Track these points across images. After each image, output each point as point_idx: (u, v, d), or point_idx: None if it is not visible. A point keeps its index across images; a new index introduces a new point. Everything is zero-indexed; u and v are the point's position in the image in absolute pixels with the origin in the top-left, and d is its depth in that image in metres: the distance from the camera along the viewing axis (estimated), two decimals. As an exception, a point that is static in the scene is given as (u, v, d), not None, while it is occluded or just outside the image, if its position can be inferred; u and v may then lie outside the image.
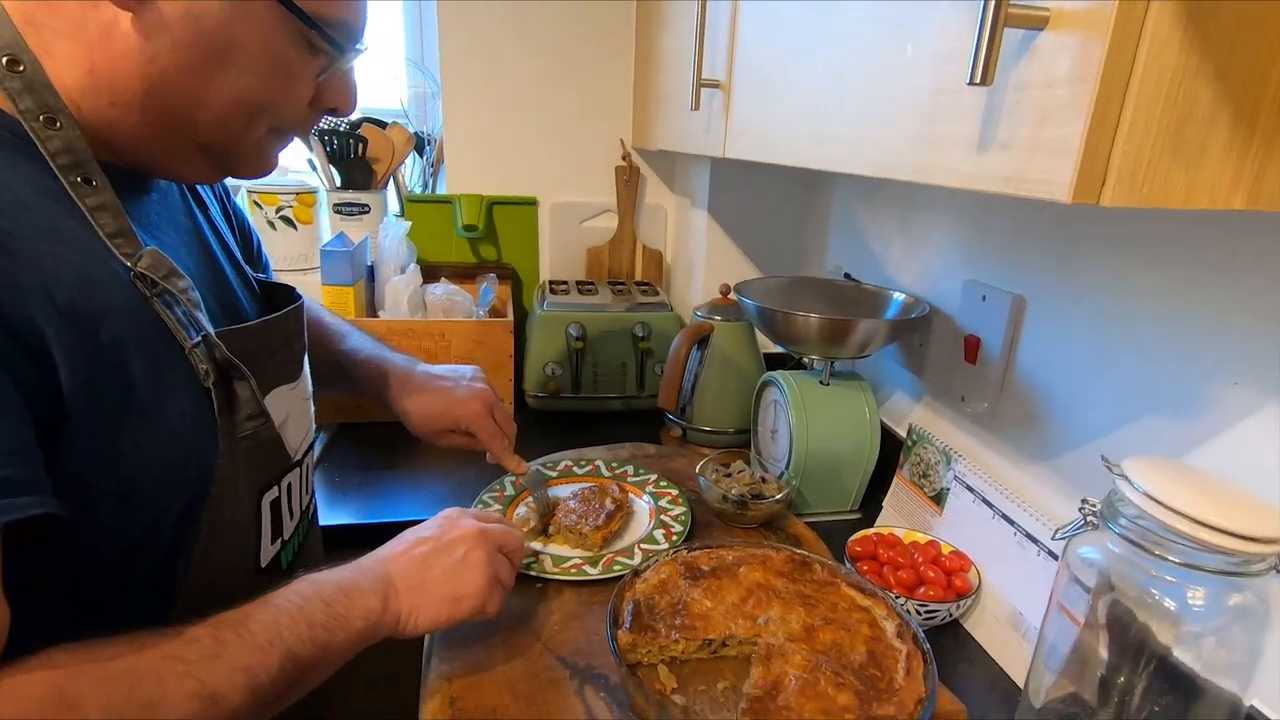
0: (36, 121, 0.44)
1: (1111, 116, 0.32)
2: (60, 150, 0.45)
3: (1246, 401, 0.56)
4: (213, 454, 0.52)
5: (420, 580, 0.57)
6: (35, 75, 0.44)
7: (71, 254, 0.43)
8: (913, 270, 1.01)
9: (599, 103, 1.43)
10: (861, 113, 0.52)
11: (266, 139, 0.53)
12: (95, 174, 0.46)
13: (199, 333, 0.50)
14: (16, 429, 0.39)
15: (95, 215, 0.46)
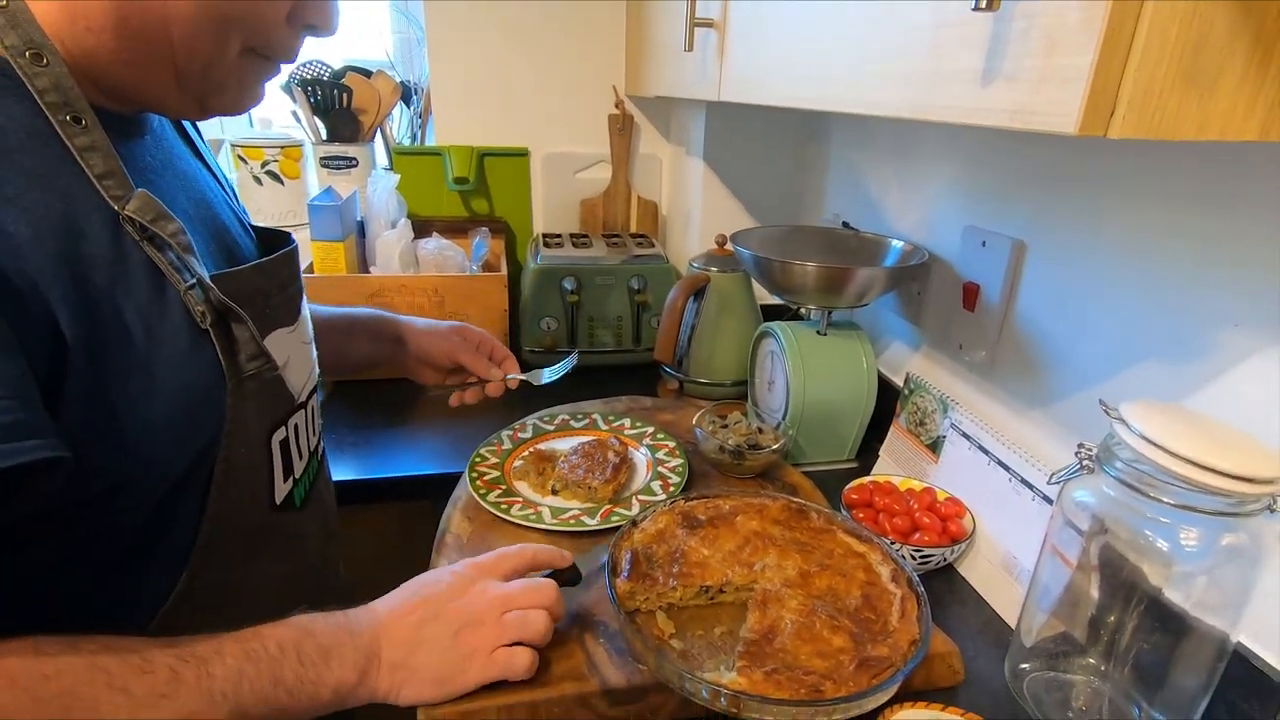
0: (23, 58, 0.43)
1: (1123, 43, 0.30)
2: (48, 88, 0.43)
3: (1247, 343, 0.55)
4: (221, 395, 0.52)
5: (408, 655, 0.53)
6: (19, 11, 0.43)
7: (61, 200, 0.43)
8: (911, 217, 0.99)
9: (591, 48, 1.39)
10: (861, 49, 0.50)
11: (246, 65, 0.50)
12: (84, 113, 0.45)
13: (192, 276, 0.49)
14: (16, 372, 0.39)
15: (84, 156, 0.44)
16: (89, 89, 0.46)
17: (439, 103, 1.39)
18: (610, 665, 0.59)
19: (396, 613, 0.55)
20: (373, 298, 1.15)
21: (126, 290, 0.45)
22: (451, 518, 0.79)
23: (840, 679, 0.54)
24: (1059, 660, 0.64)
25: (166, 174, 0.55)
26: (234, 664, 0.45)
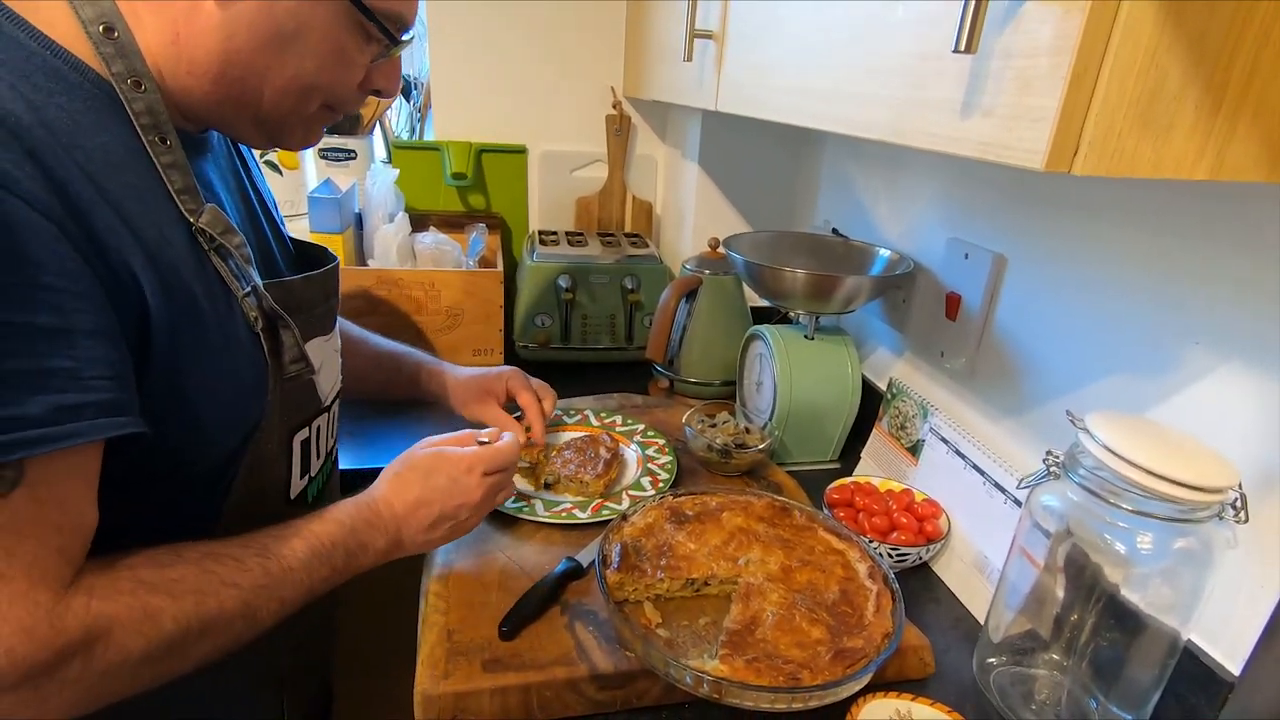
0: (125, 84, 0.48)
1: (1086, 88, 0.33)
2: (143, 111, 0.49)
3: (1207, 361, 0.59)
4: (264, 393, 0.57)
5: (426, 540, 0.65)
6: (127, 42, 0.48)
7: (152, 211, 0.48)
8: (899, 226, 1.03)
9: (590, 49, 1.41)
10: (849, 72, 0.52)
11: (316, 116, 0.58)
12: (170, 134, 0.50)
13: (249, 284, 0.55)
14: (118, 356, 0.44)
15: (167, 172, 0.50)
16: (172, 113, 0.52)
17: (439, 98, 1.40)
18: (599, 652, 0.62)
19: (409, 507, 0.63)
20: (370, 290, 1.17)
21: (201, 290, 0.51)
22: (446, 508, 0.81)
23: (817, 668, 0.57)
24: (1024, 656, 0.67)
25: (223, 188, 0.60)
26: (304, 556, 0.55)
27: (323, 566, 0.57)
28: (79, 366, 0.42)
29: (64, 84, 0.45)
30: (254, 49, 0.50)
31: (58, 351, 0.41)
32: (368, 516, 0.61)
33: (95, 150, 0.45)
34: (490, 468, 0.67)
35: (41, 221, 0.40)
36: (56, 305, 0.41)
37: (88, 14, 0.47)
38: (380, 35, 0.55)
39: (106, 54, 0.47)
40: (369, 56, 0.56)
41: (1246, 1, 0.32)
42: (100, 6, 0.47)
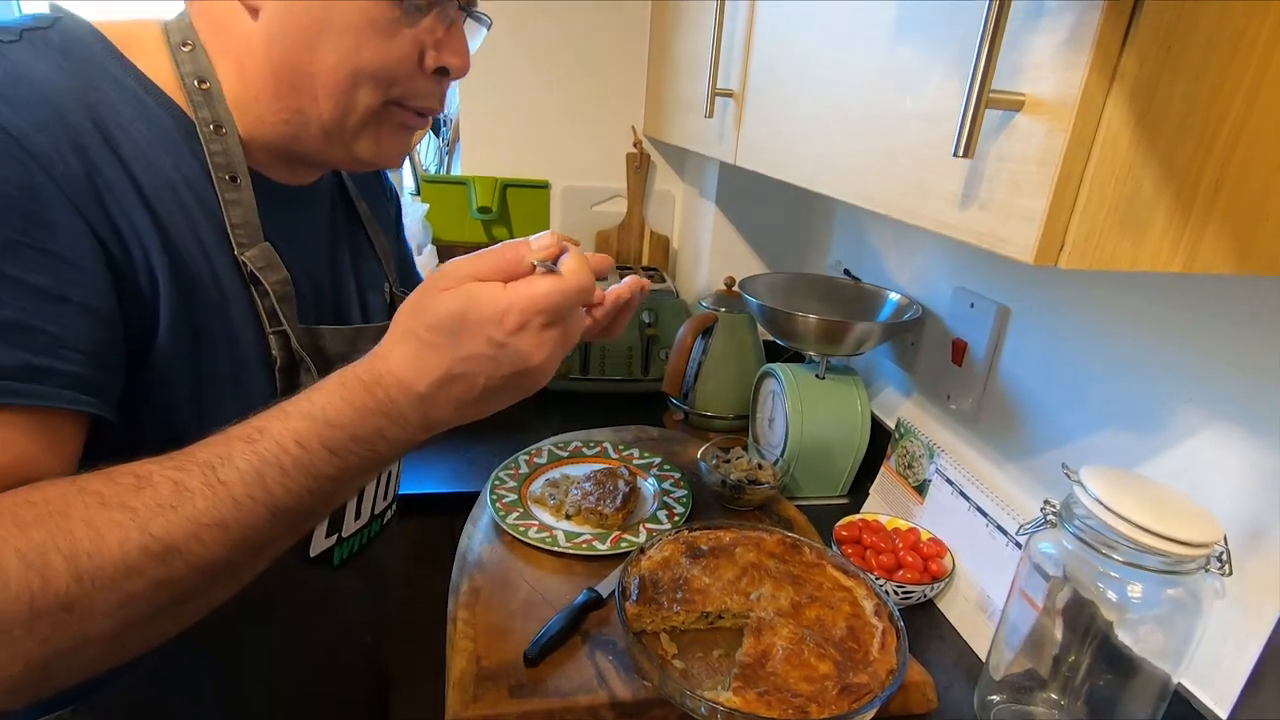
0: (208, 128, 0.53)
1: (1070, 195, 0.37)
2: (219, 152, 0.53)
3: (1198, 418, 0.62)
4: None
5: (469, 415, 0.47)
6: (215, 92, 0.53)
7: (199, 227, 0.51)
8: (908, 270, 1.07)
9: (613, 91, 1.47)
10: (862, 150, 0.57)
11: (387, 115, 0.55)
12: (241, 175, 0.54)
13: (280, 323, 0.56)
14: (108, 340, 0.45)
15: (229, 206, 0.53)
16: (264, 156, 0.56)
17: (467, 134, 1.46)
18: (618, 680, 0.65)
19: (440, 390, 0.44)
20: (399, 321, 1.22)
21: (223, 313, 0.53)
22: (472, 537, 0.86)
23: (824, 702, 0.61)
24: (1024, 694, 0.70)
25: (301, 233, 0.61)
26: (249, 465, 0.41)
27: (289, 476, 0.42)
28: (62, 335, 0.42)
29: (147, 115, 0.50)
30: (294, 49, 0.51)
31: (46, 314, 0.42)
32: (371, 405, 0.44)
33: (158, 170, 0.49)
34: (555, 316, 0.44)
35: (67, 203, 0.43)
36: (57, 272, 0.42)
37: (186, 68, 0.53)
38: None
39: (197, 102, 0.52)
40: (412, 26, 0.52)
41: (1211, 125, 0.36)
42: (198, 64, 0.53)
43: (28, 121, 0.43)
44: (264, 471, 0.41)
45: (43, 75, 0.45)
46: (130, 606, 0.39)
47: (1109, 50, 0.34)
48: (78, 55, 0.48)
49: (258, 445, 0.42)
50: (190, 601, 0.42)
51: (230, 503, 0.40)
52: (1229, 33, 0.35)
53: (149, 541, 0.39)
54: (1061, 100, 0.36)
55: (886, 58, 0.53)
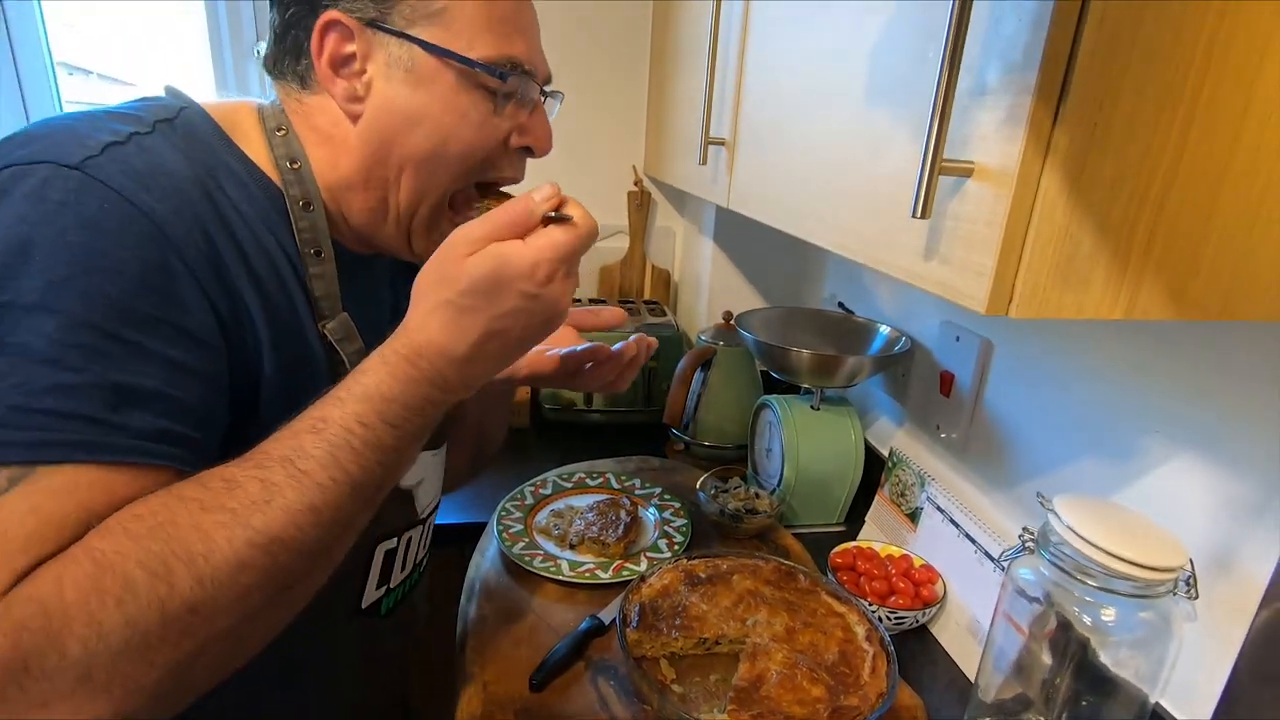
0: (298, 205, 0.57)
1: (1016, 252, 0.41)
2: (306, 228, 0.58)
3: (1164, 449, 0.66)
4: None
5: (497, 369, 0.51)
6: (305, 173, 0.58)
7: (292, 296, 0.56)
8: (898, 303, 1.11)
9: (613, 131, 1.53)
10: (839, 203, 0.61)
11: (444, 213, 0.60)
12: (325, 249, 0.59)
13: None
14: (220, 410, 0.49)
15: (313, 279, 0.58)
16: (347, 236, 0.61)
17: (475, 177, 1.52)
18: (619, 704, 0.68)
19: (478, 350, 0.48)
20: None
21: (310, 381, 0.55)
22: (480, 566, 0.89)
23: (815, 724, 0.63)
24: (1013, 717, 0.72)
25: (370, 302, 0.66)
26: (321, 454, 0.45)
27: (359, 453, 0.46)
28: (187, 402, 0.46)
29: (250, 194, 0.55)
30: (386, 144, 0.56)
31: (176, 383, 0.45)
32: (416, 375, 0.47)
33: (260, 246, 0.54)
34: (575, 261, 0.50)
35: (195, 283, 0.47)
36: (187, 347, 0.46)
37: (280, 151, 0.58)
38: (497, 81, 0.56)
39: (289, 180, 0.57)
40: (501, 114, 0.58)
41: (1139, 190, 0.40)
42: (290, 148, 0.58)
43: (167, 209, 0.47)
44: (338, 455, 0.45)
45: (174, 165, 0.50)
46: (247, 600, 0.42)
47: (1041, 128, 0.39)
48: (198, 143, 0.54)
49: (325, 433, 0.45)
50: (296, 587, 0.46)
51: (316, 488, 0.44)
52: (1149, 110, 0.39)
53: (253, 535, 0.42)
54: (1004, 169, 0.41)
55: (858, 120, 0.58)
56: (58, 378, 0.41)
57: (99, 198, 0.45)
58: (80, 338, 0.42)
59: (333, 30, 0.55)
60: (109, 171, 0.46)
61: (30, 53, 1.32)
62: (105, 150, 0.47)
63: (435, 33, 0.55)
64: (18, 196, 0.44)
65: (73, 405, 0.42)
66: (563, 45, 1.44)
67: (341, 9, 0.54)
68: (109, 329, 0.43)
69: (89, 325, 0.42)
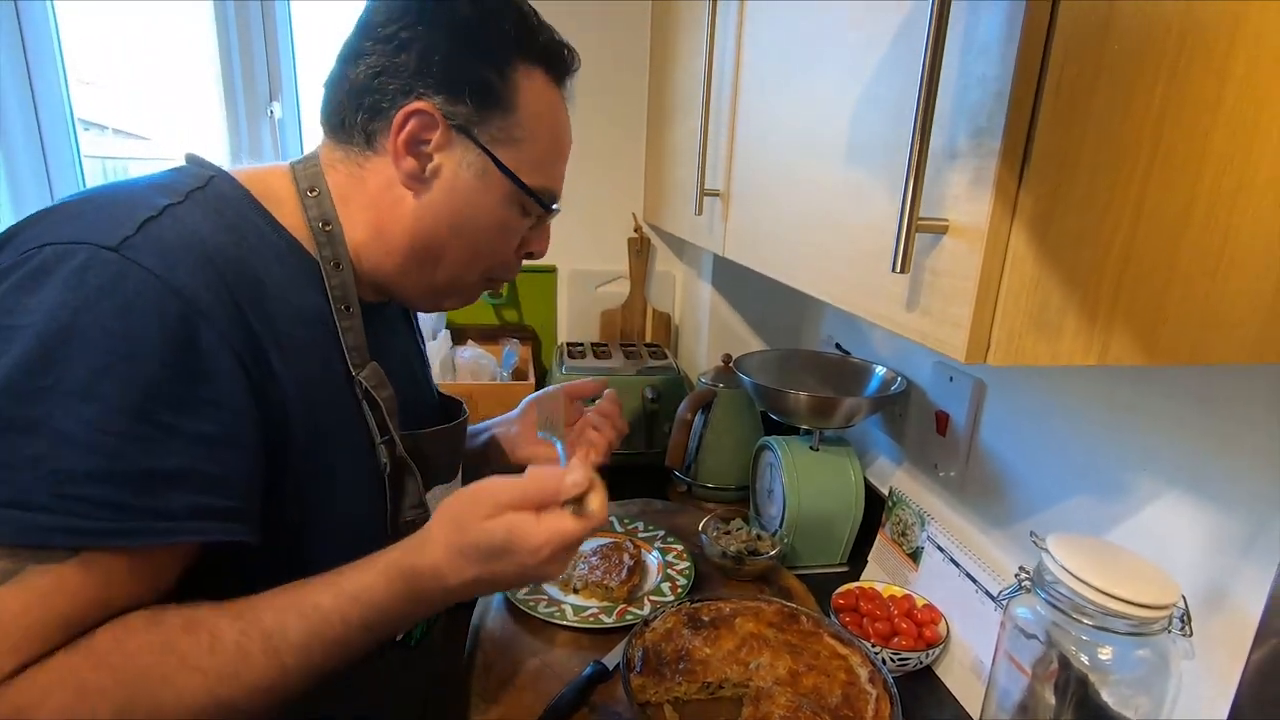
0: (329, 265, 0.61)
1: (990, 305, 0.44)
2: (337, 285, 0.62)
3: (1153, 486, 0.67)
4: (382, 535, 0.62)
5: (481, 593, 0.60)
6: (336, 234, 0.62)
7: (321, 354, 0.59)
8: (893, 345, 1.13)
9: (614, 182, 1.58)
10: (827, 254, 0.64)
11: (479, 282, 0.70)
12: (354, 304, 0.63)
13: (387, 433, 0.64)
14: (257, 471, 0.52)
15: (345, 333, 0.62)
16: (364, 288, 0.65)
17: (479, 226, 1.57)
18: (623, 752, 0.69)
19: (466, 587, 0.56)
20: (415, 403, 1.29)
21: (341, 433, 0.60)
22: (485, 613, 0.90)
23: (819, 769, 0.63)
24: (1019, 759, 0.72)
25: (386, 348, 0.70)
26: (300, 637, 0.50)
27: (329, 648, 0.52)
28: (221, 474, 0.49)
29: (282, 258, 0.58)
30: (437, 229, 0.63)
31: (209, 457, 0.49)
32: (406, 593, 0.54)
33: (290, 306, 0.56)
34: (574, 546, 0.56)
35: (226, 349, 0.50)
36: (218, 419, 0.49)
37: (313, 214, 0.62)
38: (537, 208, 0.66)
39: (320, 242, 0.61)
40: (526, 226, 0.68)
41: (1103, 244, 0.43)
42: (323, 209, 0.62)
43: (198, 283, 0.50)
44: (311, 644, 0.51)
45: (207, 234, 0.53)
46: None
47: (1007, 190, 0.42)
48: (228, 210, 0.57)
49: (311, 619, 0.51)
50: None
51: (280, 670, 0.50)
52: (1106, 171, 0.42)
53: (213, 702, 0.48)
54: (975, 227, 0.43)
55: (842, 176, 0.61)
56: (95, 464, 0.45)
57: (135, 281, 0.48)
58: (119, 424, 0.46)
59: (421, 116, 0.59)
60: (144, 252, 0.49)
61: (53, 109, 1.39)
62: (141, 228, 0.50)
63: (508, 154, 0.63)
64: (59, 279, 0.47)
65: (107, 493, 0.45)
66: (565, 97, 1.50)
67: (438, 106, 0.60)
68: (145, 413, 0.46)
69: (127, 411, 0.46)
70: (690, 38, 1.15)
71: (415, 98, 0.59)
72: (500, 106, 0.62)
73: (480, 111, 0.61)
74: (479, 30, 0.60)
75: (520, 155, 0.63)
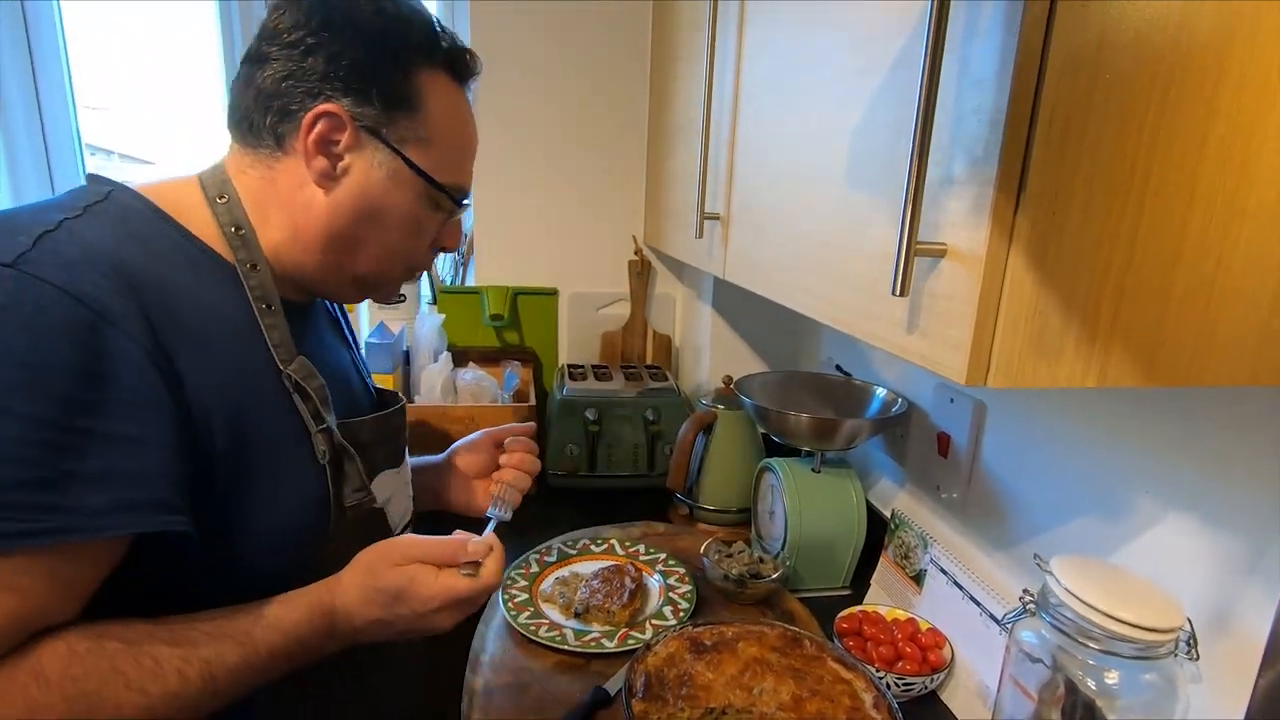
0: (246, 267, 0.63)
1: (989, 328, 0.44)
2: (256, 286, 0.64)
3: (1155, 508, 0.67)
4: (325, 523, 0.66)
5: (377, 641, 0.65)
6: (249, 238, 0.64)
7: (245, 353, 0.61)
8: (894, 366, 1.13)
9: (614, 205, 1.60)
10: (827, 277, 0.65)
11: (403, 274, 0.72)
12: (274, 303, 0.64)
13: (323, 422, 0.66)
14: (180, 467, 0.54)
15: (268, 330, 0.63)
16: (286, 287, 0.67)
17: (481, 248, 1.58)
18: (626, 779, 0.68)
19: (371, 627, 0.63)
20: (415, 425, 1.29)
21: (272, 425, 0.62)
22: (485, 636, 0.89)
23: (825, 797, 0.63)
24: (1027, 786, 0.71)
25: (316, 343, 0.73)
26: (234, 664, 0.56)
27: (254, 676, 0.58)
28: (144, 469, 0.52)
29: (194, 263, 0.60)
30: (352, 226, 0.65)
31: (129, 456, 0.51)
32: (324, 628, 0.62)
33: (203, 308, 0.58)
34: (466, 606, 0.66)
35: (136, 349, 0.51)
36: (136, 418, 0.51)
37: (224, 219, 0.63)
38: (448, 204, 0.69)
39: (235, 245, 0.63)
40: (438, 222, 0.70)
41: (1100, 269, 0.43)
42: (233, 214, 0.64)
43: (101, 290, 0.51)
44: (242, 671, 0.57)
45: (109, 244, 0.55)
46: None
47: (1004, 216, 0.42)
48: (134, 221, 0.59)
49: (244, 648, 0.57)
50: None
51: (212, 694, 0.55)
52: (1101, 199, 0.43)
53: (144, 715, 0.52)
54: (973, 252, 0.44)
55: (841, 201, 0.62)
56: (14, 474, 0.47)
57: (36, 295, 0.49)
58: (36, 436, 0.48)
59: (329, 118, 0.61)
60: (43, 265, 0.50)
61: (61, 134, 1.40)
62: (38, 242, 0.52)
63: (418, 154, 0.65)
64: None
65: (30, 497, 0.48)
66: (566, 123, 1.52)
67: (346, 108, 0.62)
68: (61, 422, 0.49)
69: (42, 423, 0.48)
70: (690, 64, 1.17)
71: (323, 100, 0.61)
72: (407, 108, 0.64)
73: (388, 113, 0.63)
74: (385, 36, 0.63)
75: (429, 154, 0.66)
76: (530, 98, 1.50)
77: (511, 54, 1.47)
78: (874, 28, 0.56)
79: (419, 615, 0.63)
